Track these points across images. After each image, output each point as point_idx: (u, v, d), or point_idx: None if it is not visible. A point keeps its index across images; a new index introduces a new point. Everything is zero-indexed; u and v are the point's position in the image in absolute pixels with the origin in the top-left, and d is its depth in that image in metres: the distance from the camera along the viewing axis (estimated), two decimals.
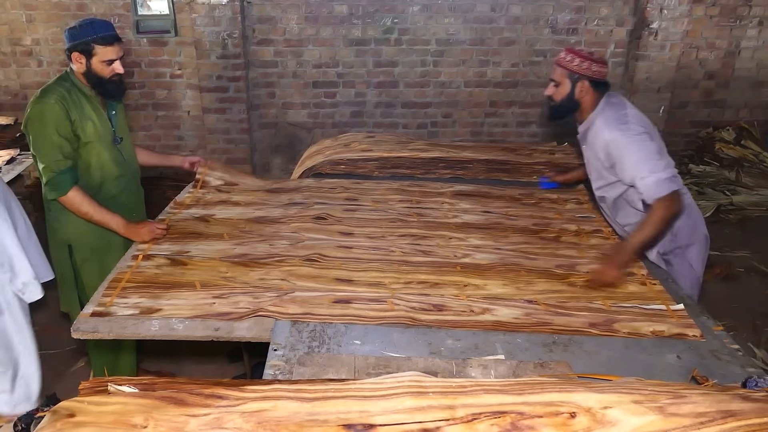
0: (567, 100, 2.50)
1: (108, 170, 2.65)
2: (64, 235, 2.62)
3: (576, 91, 2.47)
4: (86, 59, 2.47)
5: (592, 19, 4.62)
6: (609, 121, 2.42)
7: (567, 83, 2.47)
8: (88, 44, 2.45)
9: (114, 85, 2.56)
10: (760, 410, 1.37)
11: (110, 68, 2.51)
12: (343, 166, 3.39)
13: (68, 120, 2.46)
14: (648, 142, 2.37)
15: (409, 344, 1.89)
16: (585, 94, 2.47)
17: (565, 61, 2.46)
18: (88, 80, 2.53)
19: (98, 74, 2.51)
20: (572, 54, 2.46)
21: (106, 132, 2.63)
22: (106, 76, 2.51)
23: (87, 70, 2.50)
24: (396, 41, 4.62)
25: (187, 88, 4.67)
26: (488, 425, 1.33)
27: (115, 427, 1.31)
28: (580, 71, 2.44)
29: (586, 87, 2.45)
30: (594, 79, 2.45)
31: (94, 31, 2.45)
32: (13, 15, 4.38)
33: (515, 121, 4.91)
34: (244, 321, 2.00)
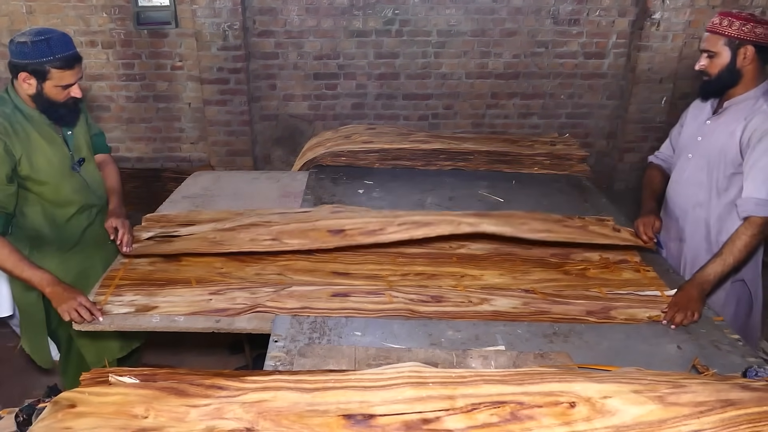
0: (727, 71, 2.14)
1: (70, 204, 2.29)
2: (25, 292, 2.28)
3: (738, 59, 2.11)
4: (37, 82, 2.07)
5: (594, 10, 4.60)
6: None
7: (726, 52, 2.11)
8: (42, 65, 2.04)
9: (67, 109, 2.19)
10: (760, 399, 1.37)
11: (66, 92, 2.13)
12: (344, 158, 3.39)
13: (6, 161, 2.05)
14: None
15: (410, 335, 1.90)
16: (749, 62, 2.11)
17: (721, 26, 2.11)
18: (37, 104, 2.14)
19: (51, 99, 2.12)
20: (730, 17, 2.09)
21: (63, 159, 2.25)
22: (60, 100, 2.13)
23: (37, 94, 2.10)
24: (397, 33, 4.60)
25: (188, 80, 4.66)
26: (488, 415, 1.34)
27: (116, 417, 1.32)
28: (742, 36, 2.08)
29: (751, 54, 2.10)
30: (760, 44, 2.09)
31: (51, 52, 2.04)
32: (13, 6, 4.37)
33: (516, 112, 4.90)
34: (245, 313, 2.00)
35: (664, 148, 2.66)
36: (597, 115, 4.92)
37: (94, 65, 4.56)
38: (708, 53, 2.16)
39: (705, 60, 2.18)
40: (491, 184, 3.15)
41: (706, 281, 2.03)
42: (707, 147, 2.28)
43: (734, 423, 1.33)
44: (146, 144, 4.85)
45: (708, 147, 2.28)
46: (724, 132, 2.20)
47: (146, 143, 4.84)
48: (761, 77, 2.16)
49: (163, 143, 4.86)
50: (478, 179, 3.22)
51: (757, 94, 2.15)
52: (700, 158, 2.32)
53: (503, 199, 2.96)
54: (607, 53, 4.74)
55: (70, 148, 2.29)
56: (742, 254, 2.06)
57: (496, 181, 3.21)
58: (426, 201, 2.93)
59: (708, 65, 2.18)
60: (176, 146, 4.88)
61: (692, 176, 2.35)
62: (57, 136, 2.24)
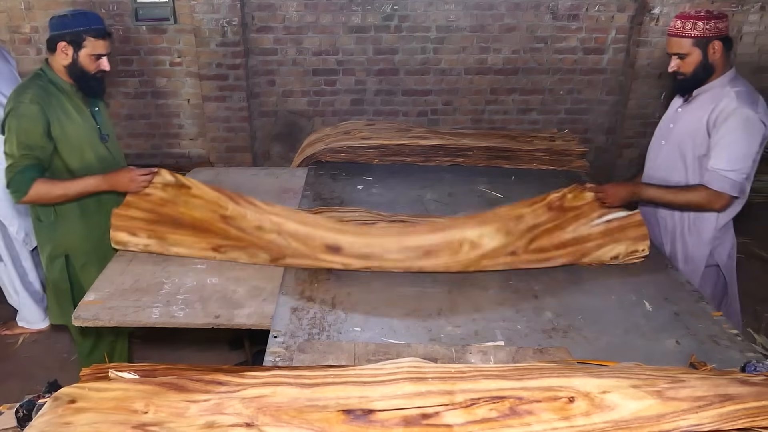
0: (701, 68, 2.29)
1: (96, 171, 2.44)
2: (61, 246, 2.52)
3: (709, 55, 2.26)
4: (74, 51, 2.33)
5: (593, 5, 4.59)
6: (743, 94, 2.25)
7: (696, 51, 2.26)
8: (79, 35, 2.31)
9: (96, 82, 2.44)
10: (759, 394, 1.38)
11: (96, 63, 2.38)
12: (343, 154, 3.38)
13: (42, 121, 2.30)
14: (758, 140, 2.24)
15: (409, 331, 1.90)
16: (718, 55, 2.26)
17: (686, 29, 2.25)
18: (71, 74, 2.39)
19: (83, 68, 2.37)
20: (692, 19, 2.24)
21: (91, 130, 2.49)
22: (91, 71, 2.38)
23: (72, 63, 2.35)
24: (396, 28, 4.59)
25: (187, 76, 4.65)
26: (487, 410, 1.34)
27: (115, 412, 1.32)
28: (707, 34, 2.23)
29: (719, 47, 2.25)
30: (723, 36, 2.25)
31: (87, 22, 2.32)
32: (12, 2, 4.36)
33: (516, 108, 4.89)
34: (245, 308, 2.01)
35: None
36: (596, 110, 4.92)
37: None
38: (678, 55, 2.30)
39: (676, 62, 2.32)
40: (490, 180, 3.15)
41: (638, 193, 2.37)
42: (678, 133, 2.45)
43: (733, 417, 1.33)
44: (145, 140, 4.84)
45: (679, 133, 2.44)
46: (693, 117, 2.37)
47: (145, 140, 4.84)
48: (728, 65, 2.32)
49: (162, 140, 4.86)
50: (478, 175, 3.22)
51: (723, 81, 2.31)
52: (672, 144, 2.48)
53: (502, 195, 2.96)
54: (606, 48, 4.73)
55: (97, 122, 2.53)
56: (682, 204, 2.37)
57: (495, 176, 3.21)
58: (425, 197, 2.93)
59: (681, 65, 2.32)
60: (175, 143, 4.87)
61: (665, 162, 2.51)
62: (86, 109, 2.49)
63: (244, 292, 2.12)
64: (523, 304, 2.07)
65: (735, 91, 2.27)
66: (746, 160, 2.23)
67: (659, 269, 2.32)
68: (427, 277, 2.23)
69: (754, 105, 2.23)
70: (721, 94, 2.29)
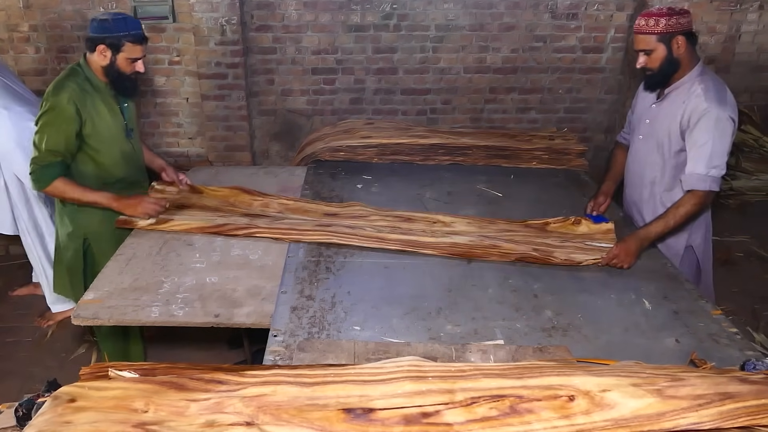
0: (667, 63, 2.38)
1: (117, 166, 2.64)
2: (81, 228, 2.63)
3: (673, 50, 2.35)
4: (112, 54, 2.47)
5: (592, 4, 4.59)
6: (711, 91, 2.34)
7: (661, 47, 2.35)
8: (119, 39, 2.44)
9: (131, 82, 2.58)
10: (758, 392, 1.38)
11: (132, 66, 2.51)
12: (343, 152, 3.39)
13: (76, 123, 2.44)
14: (729, 136, 2.34)
15: (409, 330, 1.90)
16: (682, 49, 2.35)
17: (649, 26, 2.34)
18: (108, 74, 2.52)
19: (120, 70, 2.50)
20: (654, 17, 2.34)
21: (119, 127, 2.63)
22: (127, 72, 2.52)
23: (109, 65, 2.49)
24: (395, 27, 4.58)
25: (186, 75, 4.64)
26: (487, 408, 1.34)
27: (116, 411, 1.32)
28: (670, 30, 2.32)
29: (683, 42, 2.34)
30: (686, 31, 2.34)
31: (126, 28, 2.46)
32: (10, 1, 4.34)
33: (515, 107, 4.88)
34: (244, 307, 2.01)
35: (626, 128, 2.91)
36: (595, 109, 4.91)
37: None
38: (645, 52, 2.39)
39: (644, 58, 2.41)
40: (490, 179, 3.15)
41: (646, 238, 2.37)
42: (655, 129, 2.55)
43: (732, 416, 1.33)
44: (144, 139, 4.82)
45: (655, 129, 2.55)
46: (668, 115, 2.47)
47: (144, 138, 4.82)
48: (695, 59, 2.43)
49: (160, 138, 4.85)
50: (477, 174, 3.23)
51: (692, 77, 2.41)
52: (649, 139, 2.59)
53: (501, 194, 2.97)
54: (605, 47, 4.73)
55: (125, 118, 2.66)
56: (683, 219, 2.38)
57: (494, 175, 3.21)
58: (424, 196, 2.93)
59: (648, 62, 2.41)
60: (174, 141, 4.86)
61: (645, 156, 2.62)
62: (116, 106, 2.62)
63: (244, 291, 2.12)
64: (523, 303, 2.07)
65: (702, 88, 2.35)
66: (722, 157, 2.34)
67: (658, 268, 2.32)
68: (427, 276, 2.23)
69: (723, 102, 2.33)
70: (690, 92, 2.39)
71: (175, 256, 2.35)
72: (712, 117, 2.31)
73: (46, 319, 3.46)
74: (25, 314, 3.53)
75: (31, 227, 3.33)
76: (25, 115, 3.11)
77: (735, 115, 2.35)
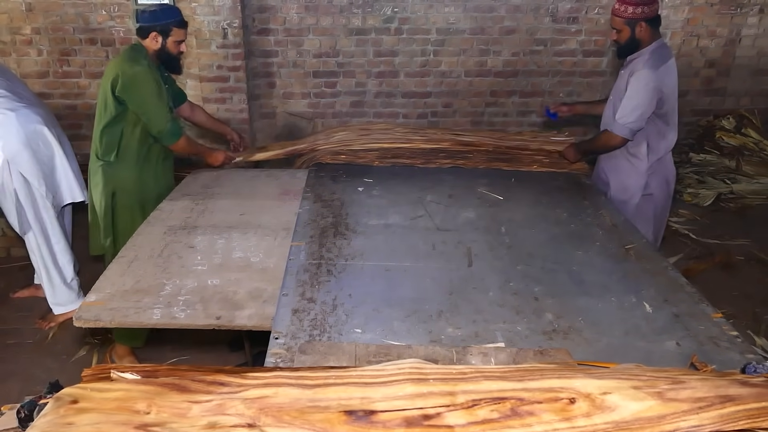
0: (630, 41, 2.94)
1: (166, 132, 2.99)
2: (111, 183, 2.97)
3: (636, 32, 2.90)
4: (162, 39, 2.87)
5: (593, 8, 4.61)
6: (650, 59, 2.89)
7: (627, 29, 2.91)
8: (167, 26, 2.85)
9: (177, 62, 3.04)
10: (759, 395, 1.38)
11: (178, 47, 2.93)
12: (344, 155, 3.39)
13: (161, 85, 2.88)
14: (650, 97, 2.86)
15: (410, 332, 1.90)
16: (644, 32, 2.89)
17: (620, 11, 2.88)
18: (160, 57, 2.93)
19: (170, 52, 2.92)
20: (625, 4, 2.86)
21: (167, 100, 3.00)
22: (174, 53, 2.94)
23: (161, 48, 2.89)
24: (396, 30, 4.60)
25: (188, 78, 4.66)
26: (488, 411, 1.34)
27: (118, 412, 1.32)
28: (635, 16, 2.86)
29: (644, 27, 2.88)
30: (649, 18, 2.87)
31: (173, 15, 2.89)
32: (13, 4, 4.37)
33: (515, 110, 4.90)
34: (246, 310, 2.02)
35: None
36: None
37: (93, 63, 4.56)
38: (616, 30, 2.96)
39: (615, 34, 2.98)
40: (490, 182, 3.15)
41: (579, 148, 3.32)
42: (615, 91, 3.11)
43: (733, 418, 1.34)
44: None
45: (615, 91, 3.11)
46: (622, 79, 3.02)
47: None
48: (655, 37, 2.94)
49: None
50: (478, 177, 3.23)
51: (648, 50, 2.93)
52: (614, 100, 3.09)
53: (502, 197, 2.97)
54: (605, 51, 4.74)
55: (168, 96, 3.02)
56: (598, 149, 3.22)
57: (495, 178, 3.21)
58: (425, 198, 2.94)
59: (618, 37, 2.97)
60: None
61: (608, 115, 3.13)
62: (164, 85, 2.98)
63: (245, 294, 2.13)
64: (524, 306, 2.07)
65: (647, 57, 2.90)
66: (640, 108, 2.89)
67: (659, 271, 2.32)
68: (428, 279, 2.24)
69: (656, 67, 2.86)
70: (638, 63, 2.93)
71: (176, 258, 2.36)
72: (641, 81, 2.86)
73: (48, 321, 3.46)
74: (26, 316, 3.54)
75: (38, 228, 3.34)
76: (32, 116, 3.13)
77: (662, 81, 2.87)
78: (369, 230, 2.61)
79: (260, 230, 2.60)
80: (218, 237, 2.53)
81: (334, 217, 2.72)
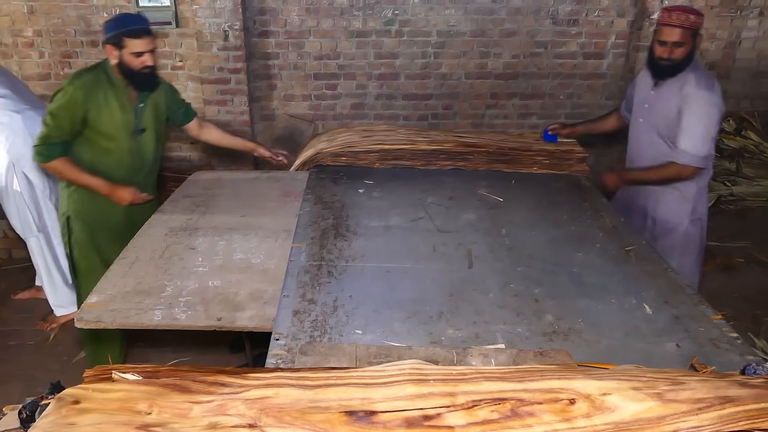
0: (689, 56, 2.71)
1: (124, 160, 2.81)
2: (65, 206, 2.83)
3: (695, 45, 2.71)
4: (118, 51, 2.61)
5: (593, 10, 4.61)
6: (701, 80, 2.70)
7: (691, 41, 2.67)
8: (118, 37, 2.58)
9: (144, 77, 2.69)
10: (758, 396, 1.38)
11: (139, 60, 2.63)
12: (345, 157, 3.40)
13: (81, 109, 2.61)
14: (716, 120, 2.70)
15: (410, 334, 1.91)
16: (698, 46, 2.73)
17: (683, 20, 2.63)
18: (121, 72, 2.67)
19: (128, 66, 2.64)
20: (687, 13, 2.64)
21: (126, 124, 2.76)
22: (135, 67, 2.64)
23: (119, 62, 2.64)
24: (397, 33, 4.61)
25: (188, 80, 4.66)
26: (489, 412, 1.35)
27: (119, 413, 1.33)
28: (696, 26, 2.65)
29: (700, 39, 2.72)
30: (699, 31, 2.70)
31: (124, 24, 2.60)
32: (15, 6, 4.37)
33: (516, 112, 4.90)
34: (246, 311, 2.02)
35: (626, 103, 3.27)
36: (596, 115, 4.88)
37: None
38: (676, 44, 2.68)
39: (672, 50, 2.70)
40: (491, 184, 3.16)
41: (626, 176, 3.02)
42: (654, 114, 2.88)
43: (732, 420, 1.34)
44: None
45: (655, 114, 2.88)
46: (666, 101, 2.81)
47: None
48: None
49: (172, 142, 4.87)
50: (478, 179, 3.24)
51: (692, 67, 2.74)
52: (649, 122, 2.93)
53: (503, 199, 2.98)
54: (606, 53, 4.75)
55: (136, 117, 2.80)
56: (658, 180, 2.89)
57: (495, 180, 3.22)
58: (426, 200, 2.94)
59: (675, 54, 2.70)
60: (176, 146, 4.88)
61: (646, 137, 2.96)
62: (130, 104, 2.76)
63: (246, 295, 2.13)
64: (524, 308, 2.08)
65: (695, 77, 2.70)
66: (710, 136, 2.70)
67: (659, 273, 2.33)
68: (429, 280, 2.24)
69: (712, 87, 2.69)
70: (684, 79, 2.73)
71: (177, 259, 2.36)
72: (702, 104, 2.67)
73: (49, 322, 3.47)
74: (27, 317, 3.55)
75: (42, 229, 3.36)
76: (37, 119, 3.15)
77: (722, 103, 2.71)
78: (369, 232, 2.62)
79: (261, 232, 2.61)
80: (219, 238, 2.53)
81: (334, 219, 2.73)
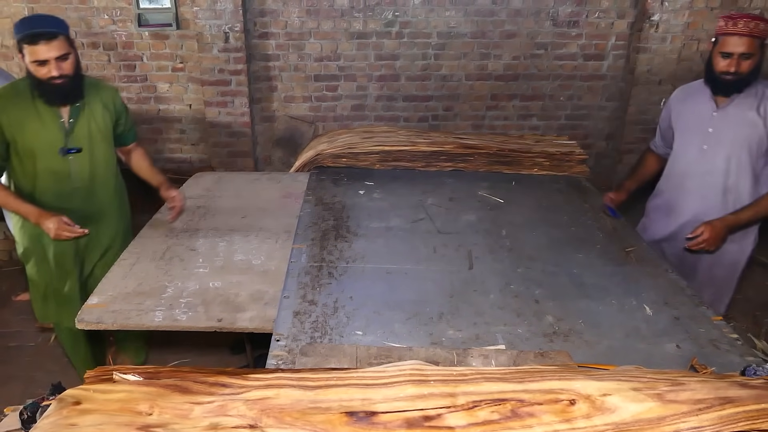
0: (756, 68, 2.37)
1: (46, 184, 2.46)
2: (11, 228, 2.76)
3: (763, 55, 2.37)
4: (23, 58, 2.27)
5: (593, 12, 4.61)
6: None
7: (759, 52, 2.34)
8: (18, 43, 2.22)
9: (51, 88, 2.28)
10: (758, 397, 1.39)
11: (43, 69, 2.24)
12: (345, 159, 3.40)
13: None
14: None
15: (411, 334, 1.91)
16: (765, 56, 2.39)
17: (758, 29, 2.29)
18: (30, 83, 2.31)
19: (34, 75, 2.26)
20: (755, 20, 2.30)
21: (53, 142, 2.40)
22: (41, 77, 2.25)
23: (27, 71, 2.28)
24: (397, 34, 4.61)
25: (189, 82, 4.67)
26: (489, 412, 1.35)
27: (120, 414, 1.33)
28: (765, 34, 2.32)
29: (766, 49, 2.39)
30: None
31: (21, 29, 2.20)
32: (16, 8, 4.38)
33: (516, 114, 4.91)
34: (247, 312, 2.02)
35: (658, 139, 2.88)
36: (596, 116, 4.93)
37: (95, 66, 4.57)
38: (746, 55, 2.33)
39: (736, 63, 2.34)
40: (491, 185, 3.16)
41: (735, 223, 2.43)
42: (726, 137, 2.48)
43: (732, 420, 1.34)
44: (147, 145, 4.84)
45: (727, 137, 2.47)
46: (741, 120, 2.43)
47: (147, 144, 4.85)
48: None
49: (163, 144, 4.87)
50: (478, 180, 3.24)
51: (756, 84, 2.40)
52: (717, 148, 2.51)
53: (503, 200, 2.98)
54: (606, 55, 4.75)
55: (66, 135, 2.44)
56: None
57: (496, 182, 3.22)
58: (426, 201, 2.95)
59: (741, 67, 2.34)
60: (177, 147, 4.89)
61: (713, 165, 2.54)
62: (56, 120, 2.40)
63: (247, 296, 2.13)
64: (524, 309, 2.08)
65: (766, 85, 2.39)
66: None
67: (659, 274, 2.33)
68: (429, 281, 2.24)
69: None
70: (757, 92, 2.40)
71: (178, 261, 2.36)
72: None
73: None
74: (27, 319, 3.55)
75: None
76: None
77: None
78: (370, 233, 2.62)
79: (262, 233, 2.61)
80: (220, 240, 2.54)
81: (335, 220, 2.73)
